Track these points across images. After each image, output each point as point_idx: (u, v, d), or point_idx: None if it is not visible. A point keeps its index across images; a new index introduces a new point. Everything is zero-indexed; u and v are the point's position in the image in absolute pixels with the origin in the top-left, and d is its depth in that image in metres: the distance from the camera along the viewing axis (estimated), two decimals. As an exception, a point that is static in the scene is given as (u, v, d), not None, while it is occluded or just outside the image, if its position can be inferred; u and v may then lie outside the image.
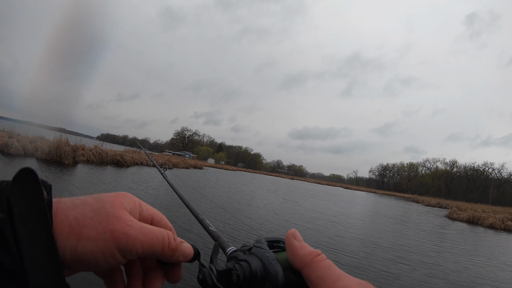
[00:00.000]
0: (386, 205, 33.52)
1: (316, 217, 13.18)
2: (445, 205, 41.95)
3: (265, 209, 12.64)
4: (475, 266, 8.09)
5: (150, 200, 9.81)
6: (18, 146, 14.41)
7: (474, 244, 12.46)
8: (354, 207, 24.19)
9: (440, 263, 7.87)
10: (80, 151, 18.42)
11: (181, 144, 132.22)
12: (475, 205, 39.18)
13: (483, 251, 10.73)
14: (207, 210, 9.88)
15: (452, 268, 7.56)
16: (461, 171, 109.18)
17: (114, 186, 11.29)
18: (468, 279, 6.68)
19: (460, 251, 10.09)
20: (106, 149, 21.00)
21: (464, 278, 6.76)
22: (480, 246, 12.18)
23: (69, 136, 24.51)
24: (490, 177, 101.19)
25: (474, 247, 11.50)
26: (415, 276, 6.25)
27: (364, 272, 5.95)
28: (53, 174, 11.37)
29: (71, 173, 12.60)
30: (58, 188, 8.70)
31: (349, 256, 7.03)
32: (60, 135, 16.64)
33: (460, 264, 8.13)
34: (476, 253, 10.16)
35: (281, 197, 20.85)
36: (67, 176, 11.72)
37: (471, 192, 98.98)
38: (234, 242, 1.16)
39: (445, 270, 7.19)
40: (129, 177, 15.61)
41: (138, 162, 25.85)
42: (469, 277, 6.87)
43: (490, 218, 20.36)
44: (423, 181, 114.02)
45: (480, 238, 14.86)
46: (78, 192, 8.79)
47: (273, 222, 9.89)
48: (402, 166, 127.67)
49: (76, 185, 10.10)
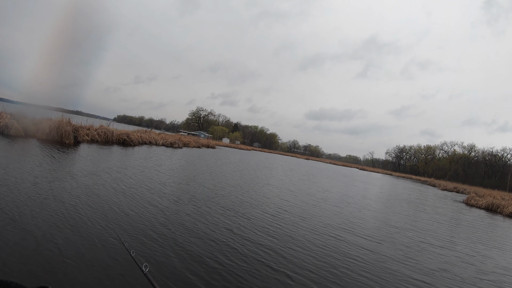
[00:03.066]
0: (402, 188, 31.83)
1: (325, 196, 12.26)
2: (462, 190, 40.44)
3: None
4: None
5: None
6: (18, 128, 14.22)
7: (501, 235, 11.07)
8: (365, 192, 22.92)
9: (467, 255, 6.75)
10: (84, 131, 18.21)
11: (197, 124, 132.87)
12: (492, 191, 36.75)
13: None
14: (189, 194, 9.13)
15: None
16: (479, 156, 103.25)
17: (108, 166, 10.77)
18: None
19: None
20: (112, 129, 20.71)
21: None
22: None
23: (86, 118, 24.61)
24: (508, 163, 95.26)
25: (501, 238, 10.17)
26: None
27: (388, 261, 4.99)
28: (49, 153, 11.01)
29: (68, 152, 12.23)
30: (53, 166, 8.27)
31: (368, 240, 6.12)
32: (62, 115, 16.32)
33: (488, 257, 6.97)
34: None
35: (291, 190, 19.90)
36: (62, 154, 11.32)
37: (489, 177, 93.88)
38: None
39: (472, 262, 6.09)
40: (130, 156, 15.18)
41: (147, 142, 25.65)
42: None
43: (510, 207, 18.68)
44: (440, 164, 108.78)
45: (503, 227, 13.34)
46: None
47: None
48: (419, 149, 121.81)
49: (64, 163, 9.63)
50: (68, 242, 3.93)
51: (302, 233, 6.49)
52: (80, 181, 7.51)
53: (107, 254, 3.81)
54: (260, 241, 5.45)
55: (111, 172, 9.56)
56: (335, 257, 5.27)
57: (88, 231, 4.42)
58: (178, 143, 30.33)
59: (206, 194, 8.97)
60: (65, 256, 3.55)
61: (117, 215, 5.42)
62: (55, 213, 4.94)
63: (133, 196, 7.03)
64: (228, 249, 4.76)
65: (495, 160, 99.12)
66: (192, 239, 4.92)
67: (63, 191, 6.36)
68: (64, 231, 4.27)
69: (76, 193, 6.35)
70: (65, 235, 4.15)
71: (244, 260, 4.46)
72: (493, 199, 22.03)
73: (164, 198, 7.50)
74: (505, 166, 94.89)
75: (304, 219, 7.90)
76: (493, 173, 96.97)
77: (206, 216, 6.52)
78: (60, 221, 4.63)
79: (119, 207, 5.94)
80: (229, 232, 5.68)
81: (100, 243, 4.10)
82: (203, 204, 7.54)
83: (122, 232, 4.67)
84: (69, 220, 4.73)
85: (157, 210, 6.28)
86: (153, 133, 30.18)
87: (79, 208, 5.39)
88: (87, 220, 4.86)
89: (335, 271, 4.63)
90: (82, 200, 5.95)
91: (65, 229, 4.35)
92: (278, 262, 4.60)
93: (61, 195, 6.04)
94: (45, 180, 6.97)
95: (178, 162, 17.22)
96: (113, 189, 7.38)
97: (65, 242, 3.91)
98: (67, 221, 4.68)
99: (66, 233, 4.22)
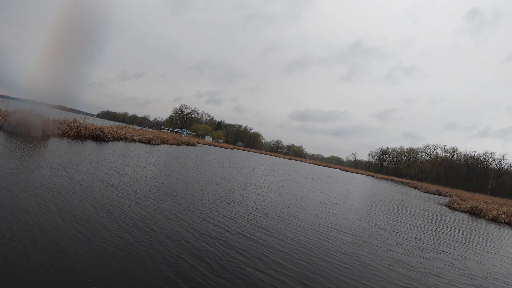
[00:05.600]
0: (385, 190, 33.12)
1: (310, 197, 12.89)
2: (444, 192, 41.81)
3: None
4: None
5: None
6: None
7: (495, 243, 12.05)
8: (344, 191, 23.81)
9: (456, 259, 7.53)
10: (55, 124, 17.95)
11: (180, 122, 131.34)
12: (474, 194, 38.54)
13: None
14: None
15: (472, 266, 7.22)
16: (461, 159, 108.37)
17: (66, 161, 10.88)
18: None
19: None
20: (85, 123, 20.49)
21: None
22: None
23: (70, 114, 23.97)
24: (490, 167, 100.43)
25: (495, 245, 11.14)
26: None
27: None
28: (4, 145, 10.97)
29: (29, 146, 12.18)
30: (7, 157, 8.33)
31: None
32: (31, 107, 16.05)
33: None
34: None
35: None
36: (20, 147, 11.30)
37: (470, 181, 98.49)
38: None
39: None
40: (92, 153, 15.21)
41: (123, 137, 25.46)
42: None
43: (493, 211, 19.03)
44: (422, 167, 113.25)
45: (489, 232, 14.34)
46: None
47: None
48: (401, 151, 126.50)
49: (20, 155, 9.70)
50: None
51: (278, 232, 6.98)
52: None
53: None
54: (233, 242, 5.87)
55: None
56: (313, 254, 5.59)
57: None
58: (156, 139, 30.23)
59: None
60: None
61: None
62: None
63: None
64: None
65: (476, 163, 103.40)
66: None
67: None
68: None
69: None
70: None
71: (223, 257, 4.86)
72: (476, 202, 22.18)
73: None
74: (487, 170, 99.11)
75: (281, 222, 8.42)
76: (474, 177, 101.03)
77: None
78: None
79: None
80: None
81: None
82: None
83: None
84: None
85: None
86: (131, 129, 29.88)
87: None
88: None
89: (310, 267, 4.94)
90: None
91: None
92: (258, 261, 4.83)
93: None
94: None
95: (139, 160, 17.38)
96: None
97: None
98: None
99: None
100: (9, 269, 3.20)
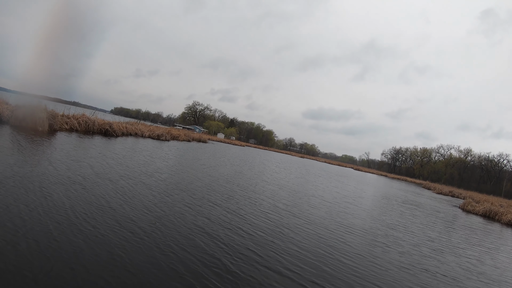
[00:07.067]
0: (398, 190, 31.77)
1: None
2: (457, 194, 40.47)
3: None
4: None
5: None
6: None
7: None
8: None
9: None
10: (63, 119, 17.73)
11: (192, 119, 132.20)
12: (488, 196, 36.83)
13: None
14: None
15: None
16: (475, 161, 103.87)
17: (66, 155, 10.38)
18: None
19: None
20: (94, 118, 20.24)
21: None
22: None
23: (84, 109, 23.94)
24: (504, 169, 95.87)
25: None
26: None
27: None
28: (8, 138, 10.61)
29: (34, 140, 11.81)
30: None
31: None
32: (39, 101, 15.83)
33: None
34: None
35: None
36: (24, 141, 10.92)
37: (484, 182, 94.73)
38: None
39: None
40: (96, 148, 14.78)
41: (132, 133, 25.18)
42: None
43: (508, 214, 17.90)
44: (435, 167, 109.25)
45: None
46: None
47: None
48: (415, 151, 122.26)
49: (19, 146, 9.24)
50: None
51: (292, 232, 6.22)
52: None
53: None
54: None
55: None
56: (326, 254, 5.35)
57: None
58: (166, 135, 29.89)
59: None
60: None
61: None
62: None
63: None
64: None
65: (491, 165, 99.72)
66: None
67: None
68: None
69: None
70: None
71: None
72: (490, 205, 21.25)
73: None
74: (501, 172, 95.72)
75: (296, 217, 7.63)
76: (488, 178, 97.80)
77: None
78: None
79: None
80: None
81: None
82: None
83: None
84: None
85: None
86: (141, 125, 29.66)
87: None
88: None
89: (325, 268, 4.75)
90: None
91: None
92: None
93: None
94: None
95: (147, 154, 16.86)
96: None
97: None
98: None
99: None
100: (20, 260, 3.18)
